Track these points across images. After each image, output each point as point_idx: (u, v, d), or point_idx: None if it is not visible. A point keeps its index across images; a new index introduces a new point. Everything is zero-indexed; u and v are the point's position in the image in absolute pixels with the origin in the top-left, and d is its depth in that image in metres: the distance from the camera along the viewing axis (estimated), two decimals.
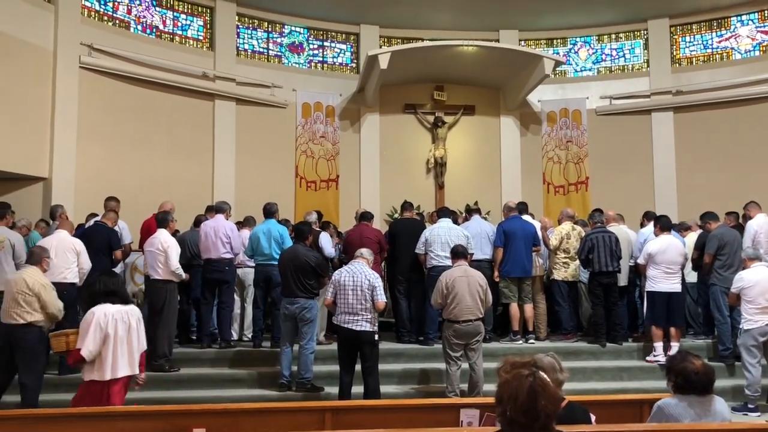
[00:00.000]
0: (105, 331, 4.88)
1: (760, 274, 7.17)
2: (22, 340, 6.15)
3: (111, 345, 4.90)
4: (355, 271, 6.69)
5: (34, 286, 6.16)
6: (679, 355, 4.03)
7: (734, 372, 7.85)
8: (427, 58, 12.62)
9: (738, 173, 12.36)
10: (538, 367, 2.55)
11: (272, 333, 8.31)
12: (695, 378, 3.69)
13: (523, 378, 2.47)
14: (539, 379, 2.47)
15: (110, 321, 4.92)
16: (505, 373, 2.53)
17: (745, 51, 13.13)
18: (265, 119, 12.77)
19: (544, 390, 2.45)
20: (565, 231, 8.96)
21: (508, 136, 13.76)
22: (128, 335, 5.01)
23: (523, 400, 2.44)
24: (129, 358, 5.02)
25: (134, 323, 5.08)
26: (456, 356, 6.98)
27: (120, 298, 5.07)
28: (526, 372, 2.49)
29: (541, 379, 2.48)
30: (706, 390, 3.71)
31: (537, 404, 2.43)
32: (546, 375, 2.56)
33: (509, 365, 2.57)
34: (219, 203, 8.70)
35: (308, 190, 12.96)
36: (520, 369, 2.51)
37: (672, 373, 3.80)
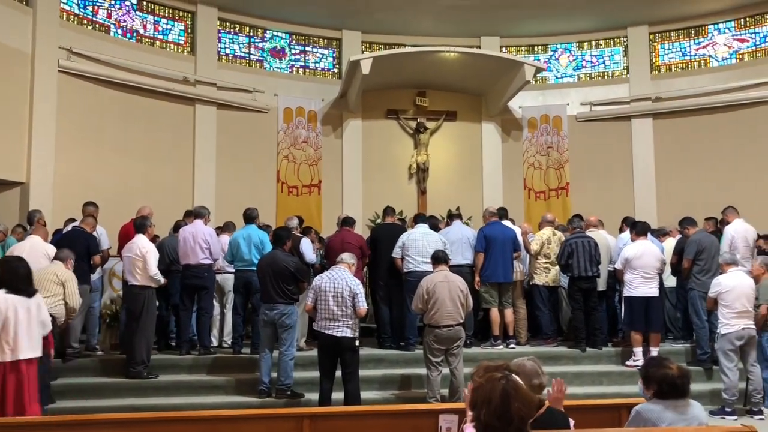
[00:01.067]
0: (4, 315, 5.01)
1: (737, 279, 7.23)
2: None
3: (11, 328, 5.02)
4: (336, 277, 6.64)
5: (62, 275, 6.56)
6: (655, 360, 4.02)
7: (712, 376, 7.90)
8: (409, 64, 12.63)
9: (716, 179, 12.48)
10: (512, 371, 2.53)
11: (252, 339, 8.24)
12: (671, 382, 3.69)
13: (496, 381, 2.46)
14: (512, 382, 2.46)
15: (9, 305, 5.05)
16: (479, 378, 2.51)
17: (723, 59, 13.29)
18: (246, 124, 12.72)
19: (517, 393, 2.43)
20: (545, 236, 8.98)
21: (489, 141, 13.81)
22: (28, 318, 5.12)
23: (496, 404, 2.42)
24: (29, 341, 5.11)
25: (34, 308, 5.18)
26: (437, 361, 6.95)
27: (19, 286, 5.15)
28: (499, 375, 2.48)
29: (514, 382, 2.47)
30: (683, 394, 3.71)
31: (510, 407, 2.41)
32: (522, 379, 2.54)
33: (483, 370, 2.56)
34: (198, 208, 8.62)
35: (290, 195, 12.90)
36: (494, 373, 2.50)
37: (648, 378, 3.79)
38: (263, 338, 7.20)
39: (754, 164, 12.32)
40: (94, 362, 7.66)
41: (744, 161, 12.42)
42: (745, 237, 8.46)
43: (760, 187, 12.02)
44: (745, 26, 13.10)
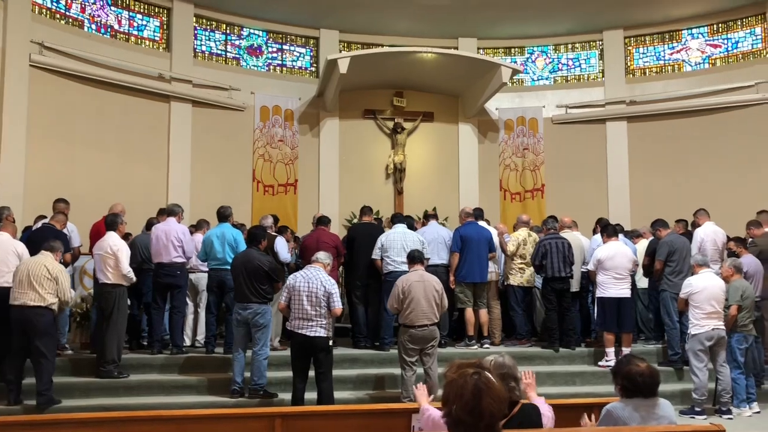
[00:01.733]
0: None
1: (708, 281, 7.32)
2: (39, 322, 6.53)
3: None
4: (311, 276, 6.60)
5: (53, 269, 6.62)
6: (624, 359, 4.06)
7: (683, 376, 8.00)
8: (386, 64, 12.63)
9: (688, 182, 12.67)
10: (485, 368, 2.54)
11: (225, 339, 8.18)
12: (640, 380, 3.72)
13: (468, 377, 2.46)
14: (485, 378, 2.46)
15: None
16: (452, 373, 2.52)
17: (696, 63, 13.48)
18: (222, 122, 12.62)
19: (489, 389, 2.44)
20: (521, 237, 9.04)
21: (466, 143, 13.86)
22: None
23: (468, 399, 2.42)
24: None
25: None
26: (411, 361, 6.95)
27: None
28: (472, 371, 2.48)
29: (487, 378, 2.47)
30: (652, 392, 3.74)
31: (482, 402, 2.42)
32: (493, 374, 2.55)
33: (456, 366, 2.57)
34: (171, 206, 8.54)
35: (266, 194, 12.83)
36: (467, 369, 2.50)
37: (618, 377, 3.83)
38: (236, 338, 7.14)
39: (725, 168, 12.52)
40: (64, 361, 7.54)
41: (715, 165, 12.62)
42: (714, 239, 8.58)
43: (731, 190, 12.21)
44: (718, 32, 13.30)
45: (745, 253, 8.30)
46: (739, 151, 12.47)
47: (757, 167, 12.27)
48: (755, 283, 8.01)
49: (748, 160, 12.36)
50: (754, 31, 12.90)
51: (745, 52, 12.99)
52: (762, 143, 12.30)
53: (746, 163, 12.37)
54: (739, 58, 13.05)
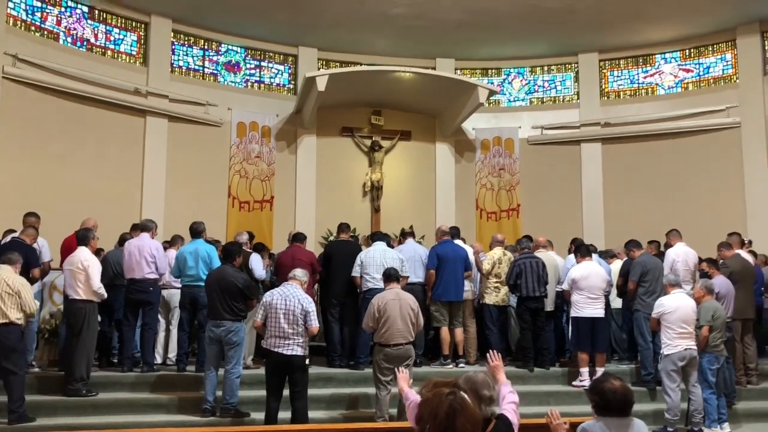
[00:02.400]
0: None
1: (680, 301, 7.39)
2: (6, 339, 6.46)
3: None
4: (288, 294, 6.55)
5: (14, 283, 6.53)
6: (602, 377, 4.08)
7: (656, 396, 8.05)
8: (364, 83, 12.69)
9: (661, 203, 12.85)
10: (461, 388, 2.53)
11: (197, 357, 8.09)
12: (611, 396, 3.73)
13: (443, 396, 2.46)
14: (459, 398, 2.45)
15: None
16: (427, 392, 2.51)
17: (668, 87, 13.74)
18: (198, 137, 12.55)
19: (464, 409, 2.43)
20: (497, 256, 9.07)
21: (443, 162, 13.94)
22: None
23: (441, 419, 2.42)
24: None
25: None
26: (386, 380, 6.91)
27: None
28: (447, 391, 2.48)
29: (462, 398, 2.47)
30: (624, 411, 3.75)
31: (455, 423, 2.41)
32: (471, 390, 2.55)
33: (431, 384, 2.56)
34: (144, 221, 8.47)
35: (241, 210, 12.75)
36: (442, 388, 2.49)
37: (591, 393, 3.85)
38: (209, 356, 7.06)
39: (697, 189, 12.73)
40: (30, 379, 7.35)
41: (687, 187, 12.82)
42: (686, 260, 8.69)
43: (702, 211, 12.40)
44: (690, 56, 13.59)
45: (716, 274, 8.41)
46: (711, 173, 12.70)
47: (728, 190, 12.50)
48: (726, 303, 8.12)
49: (719, 182, 12.59)
50: (725, 56, 13.20)
51: (716, 77, 13.28)
52: (732, 166, 12.54)
53: (717, 186, 12.59)
54: (711, 83, 13.33)
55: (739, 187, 12.44)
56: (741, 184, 12.44)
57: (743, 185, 12.42)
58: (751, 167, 12.41)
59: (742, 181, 12.44)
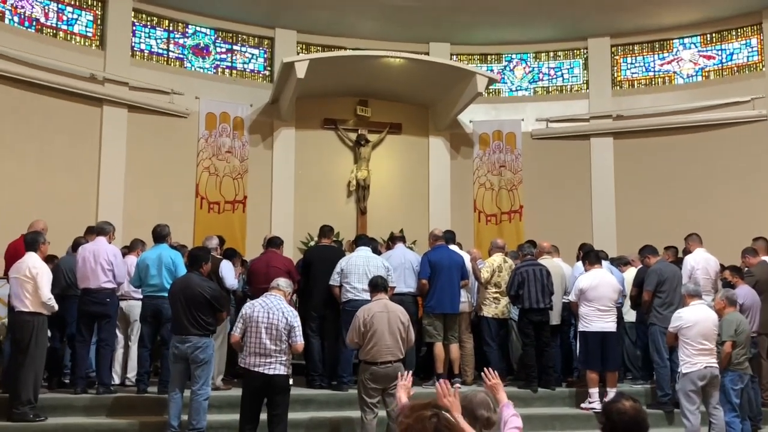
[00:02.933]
0: None
1: (700, 313, 7.38)
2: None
3: None
4: (271, 306, 6.51)
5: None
6: (614, 398, 4.09)
7: (673, 420, 8.10)
8: (349, 69, 12.70)
9: (680, 204, 12.94)
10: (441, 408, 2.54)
11: (160, 376, 8.04)
12: (618, 418, 3.73)
13: (426, 420, 2.46)
14: (444, 420, 2.46)
15: None
16: (406, 418, 2.50)
17: (688, 76, 13.86)
18: (161, 130, 12.53)
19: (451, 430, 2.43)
20: (496, 263, 9.10)
21: (437, 158, 13.97)
22: None
23: None
24: None
25: None
26: (372, 403, 6.89)
27: None
28: (429, 413, 2.47)
29: (446, 419, 2.47)
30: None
31: None
32: (467, 411, 2.55)
33: (408, 409, 2.55)
34: (100, 224, 8.40)
35: (210, 212, 12.73)
36: (421, 411, 2.49)
37: (600, 415, 3.86)
38: (173, 375, 7.02)
39: (718, 190, 12.84)
40: None
41: (708, 186, 12.93)
42: (707, 268, 8.75)
43: (725, 214, 12.51)
44: (712, 42, 13.71)
45: (741, 284, 8.46)
46: (734, 171, 12.81)
47: (753, 190, 12.61)
48: (751, 316, 8.16)
49: (744, 181, 12.70)
50: (750, 42, 13.33)
51: (740, 64, 13.40)
52: (758, 164, 12.66)
53: (741, 185, 12.70)
54: (734, 71, 13.46)
55: (765, 186, 12.55)
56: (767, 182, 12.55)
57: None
58: None
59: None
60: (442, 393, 3.70)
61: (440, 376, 8.65)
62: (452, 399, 3.68)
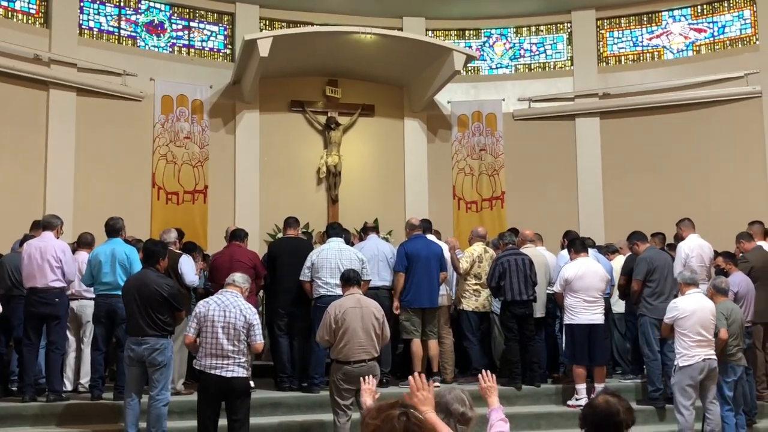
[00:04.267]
0: None
1: (697, 302, 7.41)
2: None
3: None
4: (227, 303, 6.53)
5: None
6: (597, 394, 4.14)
7: (665, 416, 8.21)
8: (317, 47, 12.65)
9: (670, 187, 13.07)
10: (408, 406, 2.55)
11: (116, 381, 8.05)
12: (588, 411, 3.78)
13: (395, 419, 2.47)
14: (414, 419, 2.47)
15: None
16: (373, 419, 2.51)
17: (678, 50, 13.96)
18: (114, 114, 12.40)
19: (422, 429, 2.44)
20: (476, 253, 9.15)
21: (413, 142, 13.98)
22: None
23: None
24: None
25: None
26: (345, 404, 6.95)
27: None
28: (398, 412, 2.49)
29: (416, 417, 2.49)
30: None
31: None
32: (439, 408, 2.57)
33: (375, 410, 2.57)
34: (47, 217, 8.34)
35: (168, 203, 12.63)
36: (389, 411, 2.50)
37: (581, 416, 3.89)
38: (129, 380, 7.02)
39: (711, 170, 12.97)
40: None
41: (700, 167, 13.05)
42: (701, 255, 8.83)
43: (718, 196, 12.67)
44: (703, 14, 13.82)
45: (735, 271, 8.56)
46: (727, 151, 12.94)
47: (748, 171, 12.76)
48: (746, 305, 8.27)
49: (738, 162, 12.83)
50: (743, 14, 13.45)
51: (732, 38, 13.53)
52: (752, 143, 12.80)
53: (735, 166, 12.83)
54: (727, 45, 13.58)
55: (761, 167, 12.71)
56: (763, 163, 12.71)
57: (765, 164, 12.69)
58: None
59: (764, 160, 12.71)
60: (416, 386, 3.72)
61: (418, 374, 8.68)
62: (426, 393, 3.69)
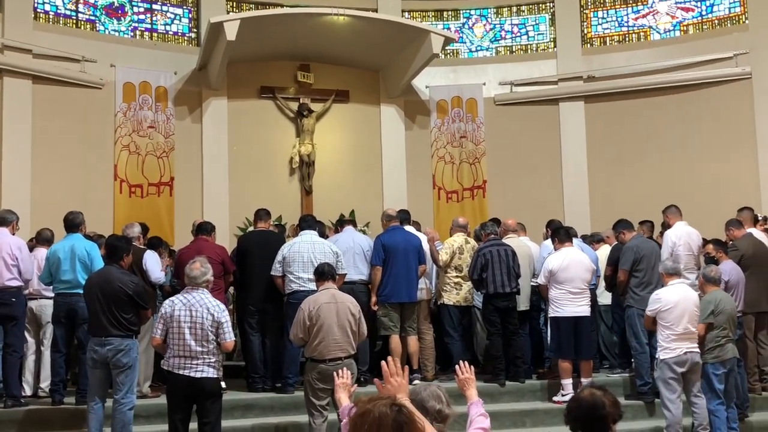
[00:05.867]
0: None
1: (680, 294, 7.53)
2: None
3: None
4: (193, 301, 6.50)
5: None
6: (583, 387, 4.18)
7: (654, 411, 8.29)
8: (287, 29, 12.61)
9: (659, 173, 13.20)
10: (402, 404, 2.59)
11: (78, 385, 8.00)
12: (572, 405, 3.82)
13: (387, 407, 2.51)
14: (406, 411, 2.51)
15: None
16: (364, 404, 2.54)
17: (665, 31, 14.07)
18: (72, 103, 12.31)
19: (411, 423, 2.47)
20: (457, 244, 9.17)
21: (390, 129, 13.99)
22: None
23: None
24: None
25: None
26: (321, 405, 6.97)
27: None
28: (389, 402, 2.52)
29: (409, 410, 2.53)
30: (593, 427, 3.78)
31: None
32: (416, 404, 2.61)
33: (367, 399, 2.62)
34: (1, 213, 8.31)
35: (132, 196, 12.58)
36: (379, 400, 2.56)
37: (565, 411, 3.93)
38: (92, 383, 7.00)
39: (699, 155, 13.08)
40: None
41: (688, 152, 13.16)
42: (689, 243, 8.90)
43: (707, 181, 12.80)
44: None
45: (725, 259, 8.64)
46: (716, 135, 13.06)
47: (738, 155, 12.90)
48: (737, 294, 8.35)
49: (727, 146, 12.97)
50: None
51: (721, 17, 13.64)
52: (742, 126, 12.93)
53: (725, 150, 12.97)
54: (715, 25, 13.70)
55: (751, 151, 12.86)
56: (753, 147, 12.86)
57: (756, 149, 12.84)
58: (764, 126, 12.82)
59: (755, 143, 12.86)
60: (389, 372, 3.74)
61: None
62: (399, 380, 3.73)
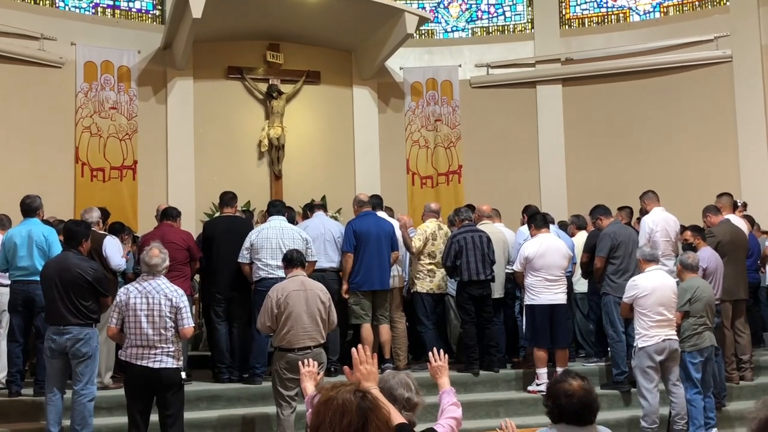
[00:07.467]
0: None
1: (658, 280, 7.62)
2: None
3: None
4: (149, 288, 6.47)
5: None
6: (559, 377, 4.21)
7: (630, 400, 8.39)
8: (256, 7, 12.51)
9: (638, 158, 13.33)
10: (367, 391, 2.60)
11: (36, 375, 7.97)
12: (566, 401, 3.85)
13: (350, 393, 2.53)
14: (371, 398, 2.52)
15: None
16: (327, 391, 2.55)
17: (644, 12, 14.15)
18: (31, 83, 12.18)
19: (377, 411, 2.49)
20: (429, 230, 9.17)
21: (363, 112, 13.97)
22: None
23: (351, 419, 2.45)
24: None
25: None
26: (290, 395, 7.00)
27: None
28: (353, 389, 2.54)
29: (374, 397, 2.56)
30: (582, 420, 3.87)
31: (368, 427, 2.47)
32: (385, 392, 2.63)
33: (330, 386, 2.65)
34: None
35: (94, 180, 12.46)
36: (342, 387, 2.60)
37: (545, 397, 3.97)
38: (50, 373, 6.98)
39: (678, 139, 13.22)
40: None
41: (667, 136, 13.30)
42: (666, 229, 8.97)
43: (686, 166, 12.95)
44: None
45: (703, 246, 8.73)
46: (696, 119, 13.21)
47: (717, 139, 13.04)
48: (715, 281, 8.45)
49: (707, 130, 13.11)
50: None
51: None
52: (722, 110, 13.07)
53: (704, 135, 13.11)
54: (696, 7, 13.79)
55: (730, 135, 13.01)
56: (733, 131, 13.01)
57: (736, 133, 12.99)
58: (744, 111, 12.98)
59: (735, 128, 13.01)
60: (359, 359, 3.76)
61: None
62: (369, 367, 3.74)
